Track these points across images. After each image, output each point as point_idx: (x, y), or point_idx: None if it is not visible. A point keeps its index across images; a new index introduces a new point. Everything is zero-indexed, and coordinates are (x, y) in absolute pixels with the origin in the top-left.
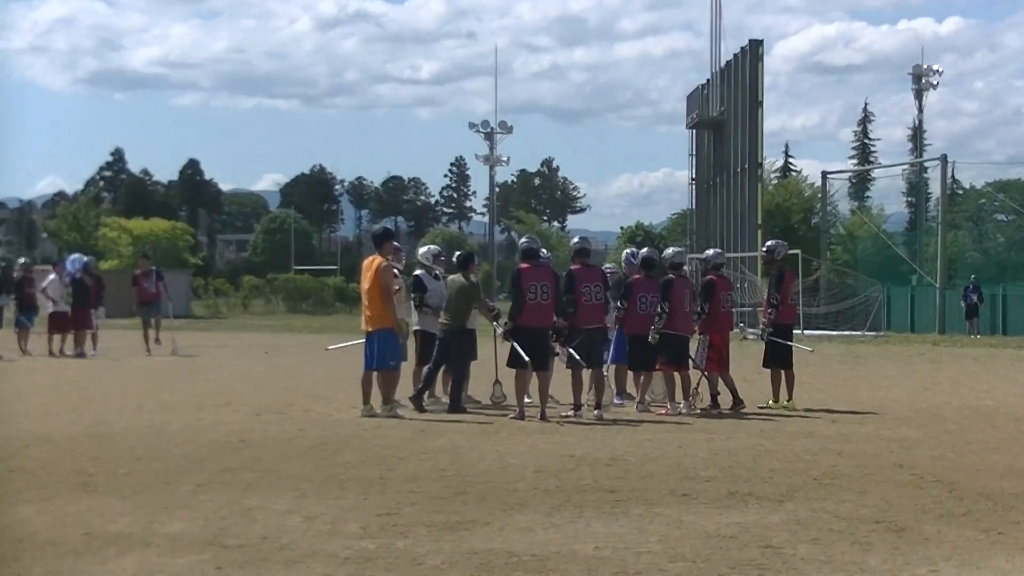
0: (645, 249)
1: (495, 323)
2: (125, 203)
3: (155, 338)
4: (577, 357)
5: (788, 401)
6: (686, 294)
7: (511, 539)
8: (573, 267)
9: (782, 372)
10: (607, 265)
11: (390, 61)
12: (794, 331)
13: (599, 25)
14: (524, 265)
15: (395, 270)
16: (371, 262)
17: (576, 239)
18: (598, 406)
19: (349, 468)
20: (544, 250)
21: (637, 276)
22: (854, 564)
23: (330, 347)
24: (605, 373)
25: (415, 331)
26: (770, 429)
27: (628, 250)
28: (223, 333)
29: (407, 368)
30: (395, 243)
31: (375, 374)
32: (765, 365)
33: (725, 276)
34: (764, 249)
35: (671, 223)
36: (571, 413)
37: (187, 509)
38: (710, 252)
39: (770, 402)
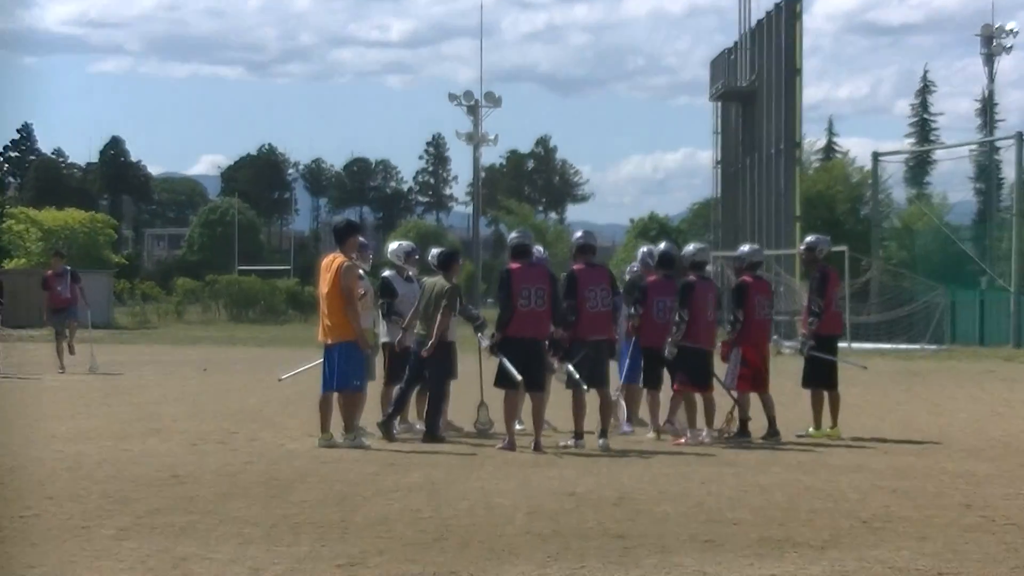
0: (663, 243)
1: (479, 334)
2: (34, 189)
3: (68, 349)
4: (577, 376)
5: (832, 428)
6: (709, 300)
7: None
8: (575, 267)
9: (825, 393)
10: (631, 265)
11: (353, 20)
12: (840, 344)
13: None
14: (515, 265)
15: (360, 271)
16: (331, 261)
17: (579, 233)
18: (604, 434)
19: (304, 509)
20: (539, 247)
21: (653, 277)
22: None
23: (283, 377)
24: (618, 393)
25: (383, 344)
26: (810, 462)
27: (645, 248)
28: (152, 346)
29: (374, 389)
30: (360, 238)
31: (335, 396)
32: (805, 385)
33: (762, 277)
34: (803, 246)
35: (691, 215)
36: (572, 442)
37: (109, 559)
38: (745, 248)
39: (810, 429)
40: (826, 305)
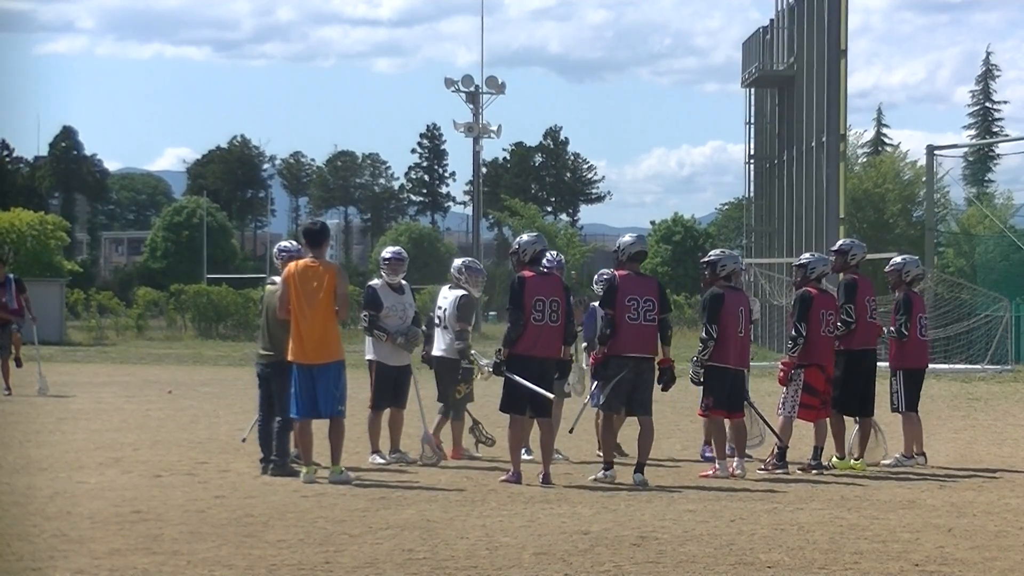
0: (629, 236)
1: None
2: None
3: (16, 363)
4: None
5: (856, 460)
6: (741, 313)
7: None
8: (617, 273)
9: (854, 419)
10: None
11: None
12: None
13: None
14: (528, 273)
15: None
16: (315, 268)
17: (630, 237)
18: (640, 468)
19: (283, 550)
20: (553, 252)
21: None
22: None
23: (245, 438)
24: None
25: (368, 363)
26: (855, 497)
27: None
28: (110, 366)
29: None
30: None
31: (306, 423)
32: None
33: (828, 291)
34: (835, 248)
35: (721, 216)
36: (603, 475)
37: None
38: (808, 257)
39: (834, 459)
40: (858, 315)
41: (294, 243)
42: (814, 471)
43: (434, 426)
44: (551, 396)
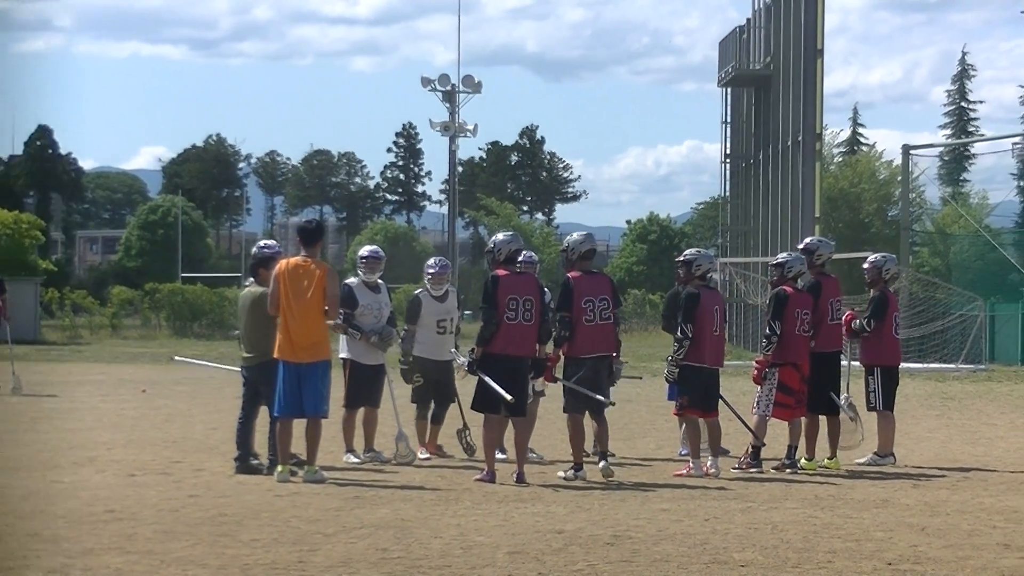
0: (577, 234)
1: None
2: None
3: None
4: (581, 389)
5: (830, 459)
6: (716, 313)
7: None
8: (572, 275)
9: (821, 418)
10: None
11: None
12: (843, 362)
13: None
14: (502, 271)
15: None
16: (306, 267)
17: (577, 236)
18: (603, 457)
19: (256, 550)
20: (528, 252)
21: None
22: None
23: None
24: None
25: (343, 361)
26: (829, 496)
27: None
28: (85, 364)
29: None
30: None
31: (287, 422)
32: (810, 409)
33: (804, 291)
34: (801, 247)
35: (696, 216)
36: (571, 473)
37: None
38: (785, 256)
39: (802, 460)
40: (819, 317)
41: (272, 242)
42: (788, 470)
43: (428, 436)
44: (510, 399)
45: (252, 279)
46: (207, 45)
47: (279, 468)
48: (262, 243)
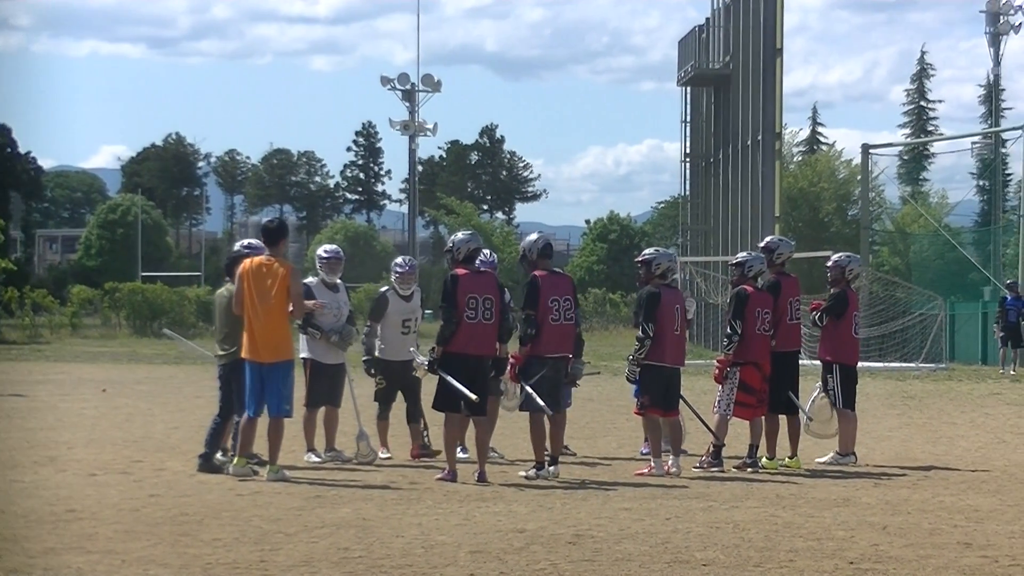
0: (537, 233)
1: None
2: None
3: None
4: (538, 399)
5: (791, 459)
6: (677, 312)
7: None
8: (538, 274)
9: (781, 418)
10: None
11: None
12: (801, 361)
13: None
14: (462, 271)
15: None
16: (270, 266)
17: (535, 235)
18: (554, 461)
19: (218, 549)
20: (487, 251)
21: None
22: None
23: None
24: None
25: (303, 361)
26: (790, 495)
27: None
28: (44, 364)
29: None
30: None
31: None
32: (771, 409)
33: (762, 289)
34: (761, 246)
35: (656, 215)
36: (532, 473)
37: None
38: (745, 255)
39: (763, 460)
40: (778, 318)
41: (256, 241)
42: (749, 469)
43: (410, 436)
44: (475, 398)
45: (228, 278)
46: (166, 44)
47: (235, 460)
48: (245, 242)
